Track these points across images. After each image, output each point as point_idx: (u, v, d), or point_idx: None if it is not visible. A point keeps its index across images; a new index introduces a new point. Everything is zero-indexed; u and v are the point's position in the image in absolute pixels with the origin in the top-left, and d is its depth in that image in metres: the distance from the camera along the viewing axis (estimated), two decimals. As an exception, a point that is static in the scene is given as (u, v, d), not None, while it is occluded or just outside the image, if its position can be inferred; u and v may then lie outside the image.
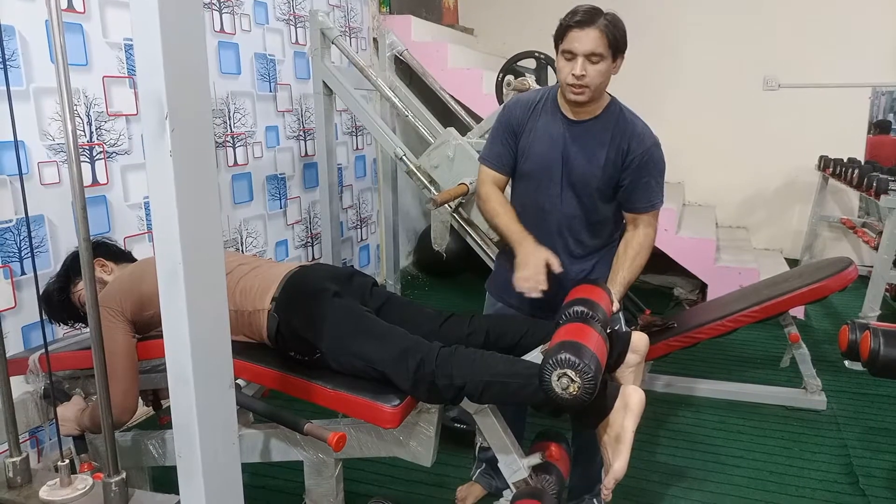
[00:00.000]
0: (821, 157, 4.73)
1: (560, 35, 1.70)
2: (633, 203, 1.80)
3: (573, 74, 1.67)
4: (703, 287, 4.18)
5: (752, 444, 2.57)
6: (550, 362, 1.32)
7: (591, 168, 1.77)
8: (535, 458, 1.61)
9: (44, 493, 1.05)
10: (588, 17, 1.65)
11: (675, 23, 5.17)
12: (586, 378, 1.30)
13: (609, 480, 1.43)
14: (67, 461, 1.07)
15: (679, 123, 5.23)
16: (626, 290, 1.80)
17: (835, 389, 2.98)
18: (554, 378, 1.32)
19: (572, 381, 1.30)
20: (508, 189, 1.95)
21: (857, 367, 2.11)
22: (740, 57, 5.05)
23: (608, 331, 1.52)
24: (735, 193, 5.28)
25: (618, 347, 1.56)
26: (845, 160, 4.40)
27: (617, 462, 1.44)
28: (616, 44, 1.68)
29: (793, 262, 4.80)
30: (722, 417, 2.78)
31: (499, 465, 1.61)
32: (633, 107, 1.88)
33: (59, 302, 1.81)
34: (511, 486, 1.60)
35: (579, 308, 1.52)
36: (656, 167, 1.79)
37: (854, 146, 4.82)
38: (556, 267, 1.69)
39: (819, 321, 3.91)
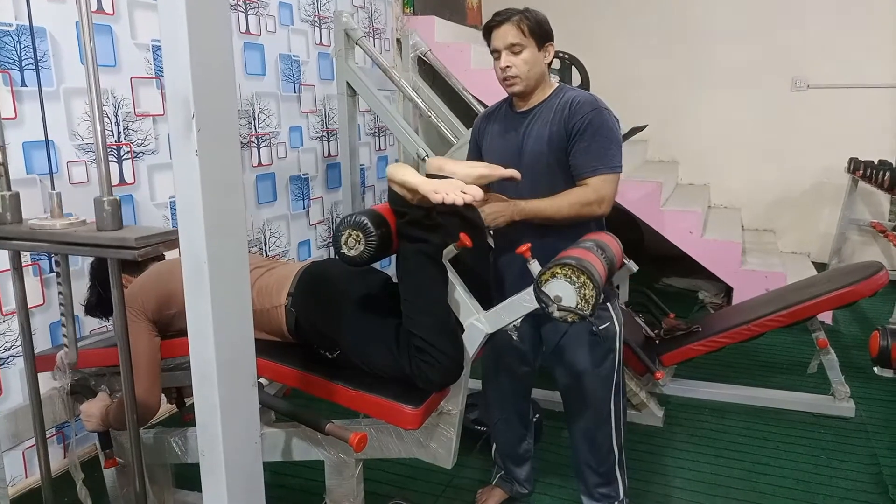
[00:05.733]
0: (850, 159, 4.64)
1: (486, 39, 1.83)
2: (578, 168, 1.77)
3: (500, 68, 1.80)
4: (728, 291, 4.12)
5: (779, 451, 2.52)
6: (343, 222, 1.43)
7: (539, 146, 1.80)
8: (534, 265, 1.52)
9: (34, 223, 1.01)
10: (503, 15, 1.78)
11: (701, 24, 5.11)
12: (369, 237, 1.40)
13: (432, 197, 1.39)
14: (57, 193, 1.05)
15: (705, 125, 5.18)
16: (533, 215, 1.75)
17: (864, 396, 2.91)
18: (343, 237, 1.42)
19: (357, 241, 1.41)
20: None
21: (888, 373, 2.06)
22: (768, 57, 4.97)
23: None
24: (761, 196, 5.20)
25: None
26: (876, 162, 4.31)
27: (420, 186, 1.41)
28: (535, 31, 1.77)
29: (820, 266, 4.72)
30: (747, 423, 2.73)
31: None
32: (659, 107, 1.87)
33: (101, 309, 1.88)
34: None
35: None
36: (598, 131, 1.75)
37: (885, 148, 4.72)
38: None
39: (848, 326, 3.83)
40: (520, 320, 1.53)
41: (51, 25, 2.21)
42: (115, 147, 2.48)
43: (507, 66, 1.78)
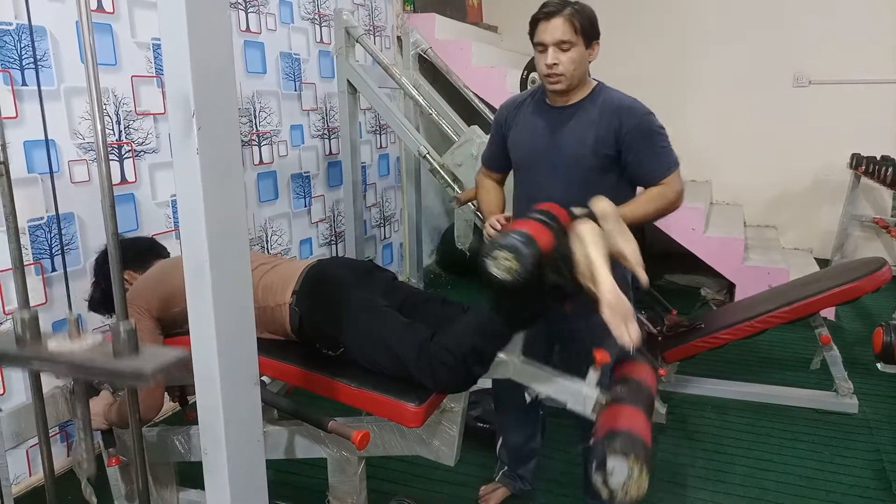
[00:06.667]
0: (853, 154, 4.63)
1: (531, 30, 1.77)
2: (651, 174, 1.77)
3: (546, 64, 1.73)
4: (730, 287, 4.11)
5: (782, 447, 2.52)
6: (490, 244, 1.32)
7: (582, 149, 1.76)
8: (594, 375, 1.46)
9: (52, 345, 1.01)
10: (554, 7, 1.71)
11: (702, 19, 5.10)
12: (524, 259, 1.27)
13: (604, 310, 1.31)
14: (76, 317, 1.03)
15: (707, 121, 5.16)
16: (631, 222, 1.66)
17: (867, 392, 2.91)
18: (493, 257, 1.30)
19: (509, 267, 1.28)
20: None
21: (892, 369, 2.06)
22: (769, 53, 4.95)
23: None
24: (764, 192, 5.19)
25: None
26: (878, 158, 4.29)
27: (604, 291, 1.32)
28: (585, 30, 1.72)
29: (823, 263, 4.71)
30: (750, 420, 2.73)
31: (568, 406, 1.49)
32: (660, 104, 1.85)
33: (105, 306, 1.88)
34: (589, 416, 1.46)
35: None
36: (657, 133, 1.76)
37: (887, 144, 4.70)
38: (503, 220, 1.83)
39: (850, 323, 3.82)
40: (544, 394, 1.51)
41: (51, 24, 2.21)
42: (116, 146, 2.48)
43: (554, 64, 1.71)
